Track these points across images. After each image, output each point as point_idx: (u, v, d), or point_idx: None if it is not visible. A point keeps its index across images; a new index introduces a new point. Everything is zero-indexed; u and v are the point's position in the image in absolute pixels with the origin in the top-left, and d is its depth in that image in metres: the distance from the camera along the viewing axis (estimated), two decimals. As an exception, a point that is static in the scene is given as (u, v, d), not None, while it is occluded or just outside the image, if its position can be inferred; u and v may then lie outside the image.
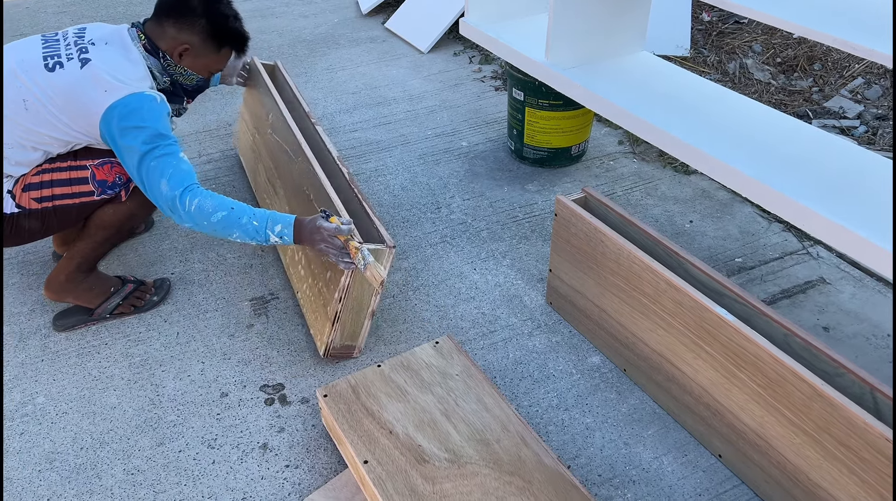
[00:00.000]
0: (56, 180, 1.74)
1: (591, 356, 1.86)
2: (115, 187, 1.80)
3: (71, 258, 1.89)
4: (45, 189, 1.74)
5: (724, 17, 3.83)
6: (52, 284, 1.92)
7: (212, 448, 1.65)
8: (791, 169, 1.64)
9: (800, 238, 2.27)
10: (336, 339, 1.81)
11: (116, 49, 1.73)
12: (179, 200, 1.62)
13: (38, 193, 1.74)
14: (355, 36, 3.91)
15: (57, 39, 1.74)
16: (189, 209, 1.62)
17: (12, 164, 1.71)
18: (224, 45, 1.85)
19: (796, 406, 1.34)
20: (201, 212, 1.62)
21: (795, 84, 3.23)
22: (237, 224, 1.63)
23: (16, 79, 1.67)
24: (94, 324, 1.98)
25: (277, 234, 1.65)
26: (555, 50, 2.08)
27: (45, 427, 1.71)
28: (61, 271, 1.90)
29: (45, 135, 1.69)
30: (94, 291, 1.95)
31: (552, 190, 2.55)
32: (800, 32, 1.55)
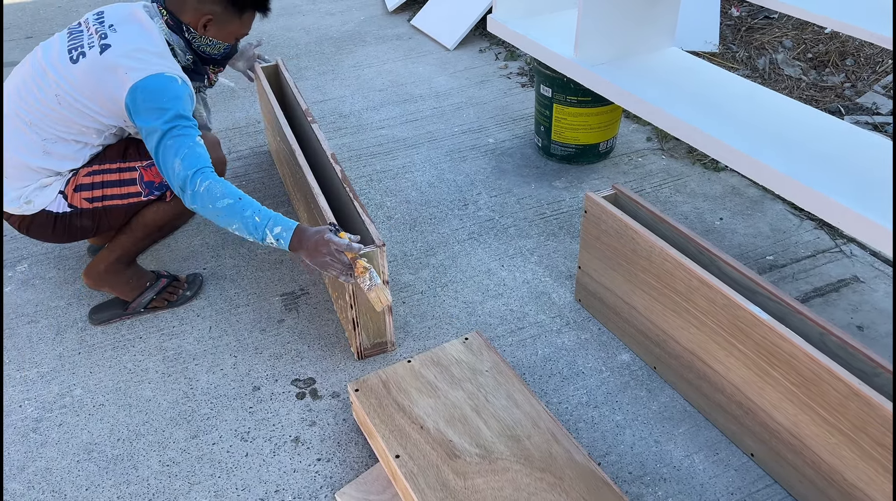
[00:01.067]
0: (107, 182, 1.79)
1: (621, 354, 1.86)
2: (161, 188, 1.84)
3: (112, 250, 1.93)
4: (97, 190, 1.79)
5: (753, 12, 3.78)
6: (91, 272, 1.96)
7: (245, 440, 1.67)
8: (823, 165, 1.63)
9: (832, 236, 2.24)
10: (364, 341, 1.83)
11: (134, 29, 1.73)
12: (191, 179, 1.60)
13: (90, 193, 1.79)
14: (381, 33, 3.93)
15: (81, 30, 1.77)
16: (198, 190, 1.60)
17: (57, 159, 1.75)
18: (246, 9, 1.84)
19: (832, 406, 1.33)
20: (210, 194, 1.59)
21: (827, 80, 3.18)
22: (240, 215, 1.59)
23: (46, 76, 1.71)
24: (129, 318, 2.02)
25: (275, 236, 1.59)
26: (583, 46, 2.08)
27: (82, 419, 1.74)
28: (101, 261, 1.94)
29: (81, 125, 1.73)
30: (130, 284, 1.99)
31: (580, 187, 2.55)
32: (833, 27, 1.53)
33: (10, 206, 1.77)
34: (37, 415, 1.75)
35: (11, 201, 1.76)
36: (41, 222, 1.80)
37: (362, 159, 2.76)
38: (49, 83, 1.71)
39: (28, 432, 1.71)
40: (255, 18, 1.89)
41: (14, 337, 1.98)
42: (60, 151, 1.74)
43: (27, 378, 1.85)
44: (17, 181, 1.75)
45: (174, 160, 1.61)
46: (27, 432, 1.71)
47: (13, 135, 1.74)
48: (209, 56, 1.91)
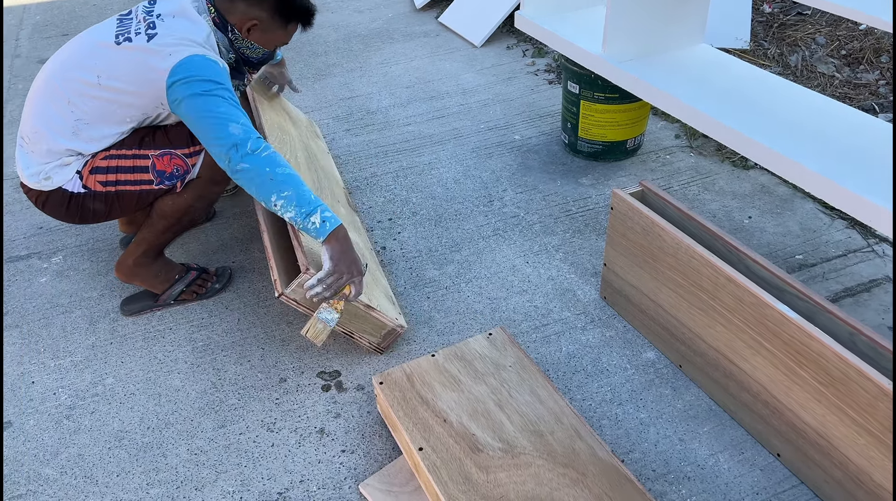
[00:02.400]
0: (121, 167, 1.82)
1: (646, 352, 1.85)
2: (172, 178, 1.86)
3: (138, 245, 1.97)
4: (111, 174, 1.82)
5: (785, 8, 3.72)
6: (121, 266, 2.00)
7: (271, 431, 1.70)
8: (857, 164, 1.60)
9: (864, 235, 2.20)
10: (371, 340, 1.85)
11: (182, 22, 1.77)
12: (256, 141, 1.62)
13: (104, 177, 1.81)
14: (409, 30, 3.94)
15: (130, 18, 1.82)
16: (260, 153, 1.61)
17: (83, 140, 1.78)
18: (291, 20, 1.89)
19: (861, 406, 1.31)
20: (274, 159, 1.62)
21: (861, 77, 3.12)
22: (297, 185, 1.62)
23: (92, 56, 1.76)
24: (159, 310, 2.06)
25: (322, 218, 1.62)
26: (612, 42, 2.07)
27: (114, 407, 1.78)
28: (130, 256, 1.98)
29: (116, 110, 1.76)
30: (160, 277, 2.02)
31: (607, 184, 2.54)
32: (869, 23, 1.50)
33: (31, 180, 1.81)
34: (70, 403, 1.80)
35: (32, 176, 1.80)
36: (56, 199, 1.83)
37: (389, 156, 2.77)
38: (93, 63, 1.75)
39: (62, 419, 1.76)
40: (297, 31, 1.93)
41: (49, 327, 2.03)
42: (88, 133, 1.78)
43: (61, 367, 1.90)
44: (41, 156, 1.79)
45: (229, 124, 1.62)
46: (61, 419, 1.76)
47: (50, 109, 1.77)
48: (247, 58, 1.95)
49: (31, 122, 1.79)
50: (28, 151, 1.81)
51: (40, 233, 2.42)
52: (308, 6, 1.90)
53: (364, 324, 1.79)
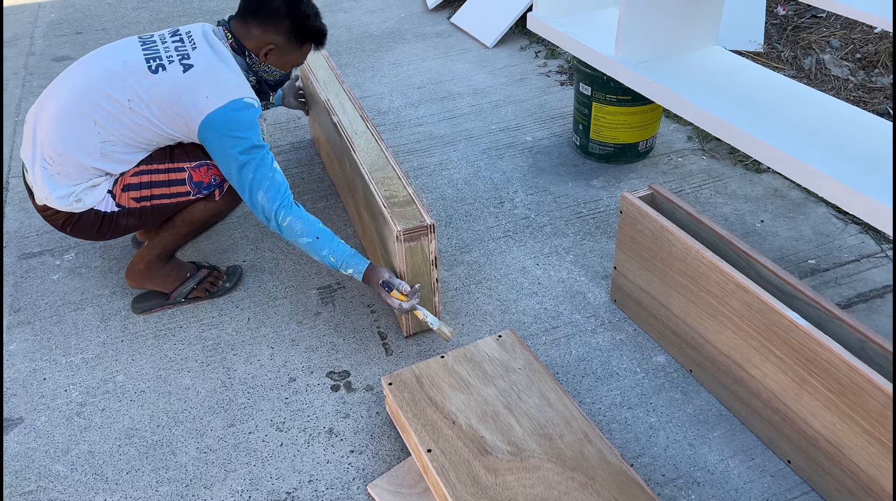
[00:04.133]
0: (155, 182, 1.84)
1: (657, 356, 1.84)
2: (210, 188, 1.89)
3: (152, 248, 1.98)
4: (144, 190, 1.83)
5: (800, 11, 3.70)
6: (132, 272, 2.02)
7: (280, 430, 1.71)
8: (871, 168, 1.59)
9: (878, 240, 2.19)
10: (411, 320, 1.90)
11: (214, 54, 1.78)
12: (276, 214, 1.76)
13: (138, 193, 1.83)
14: (421, 31, 3.94)
15: (154, 41, 1.81)
16: (281, 224, 1.77)
17: (112, 161, 1.79)
18: (305, 42, 1.90)
19: (871, 415, 1.30)
20: (291, 231, 1.77)
21: (876, 81, 3.10)
22: (318, 254, 1.80)
23: (125, 81, 1.74)
24: (170, 308, 2.07)
25: (350, 275, 1.82)
26: (625, 44, 2.06)
27: (124, 404, 1.80)
28: (141, 260, 1.99)
29: (146, 134, 1.78)
30: (171, 276, 2.04)
31: (618, 186, 2.53)
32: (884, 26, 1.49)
33: (61, 202, 1.80)
34: (81, 400, 1.81)
35: (61, 198, 1.79)
36: (88, 221, 1.84)
37: (400, 156, 2.78)
38: (126, 88, 1.74)
39: (73, 416, 1.77)
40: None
41: (61, 324, 2.05)
42: (118, 154, 1.79)
43: (72, 364, 1.91)
44: (69, 179, 1.78)
45: (258, 192, 1.76)
46: (72, 416, 1.77)
47: (76, 131, 1.75)
48: (264, 81, 1.97)
49: (56, 143, 1.76)
50: (53, 173, 1.78)
51: (53, 230, 2.43)
52: (321, 28, 1.91)
53: None
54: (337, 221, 2.42)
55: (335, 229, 2.38)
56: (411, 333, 1.93)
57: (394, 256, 1.79)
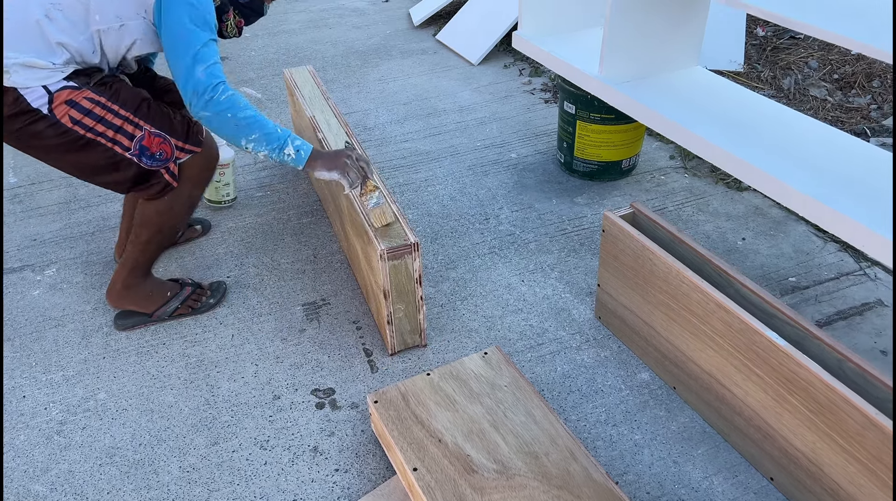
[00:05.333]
0: (106, 119, 1.72)
1: (641, 373, 1.86)
2: (151, 160, 1.79)
3: (124, 265, 1.96)
4: (90, 119, 1.70)
5: (779, 32, 3.77)
6: (111, 292, 2.00)
7: (264, 449, 1.69)
8: (848, 188, 1.62)
9: (857, 258, 2.22)
10: (396, 337, 1.90)
11: None
12: (213, 88, 1.65)
13: (81, 116, 1.70)
14: (407, 47, 3.97)
15: None
16: (220, 98, 1.65)
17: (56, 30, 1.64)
18: None
19: (849, 434, 1.32)
20: (233, 103, 1.67)
21: (853, 101, 3.16)
22: (262, 126, 1.70)
23: None
24: (153, 324, 2.05)
25: (295, 147, 1.74)
26: (608, 64, 2.09)
27: (105, 423, 1.78)
28: (118, 280, 1.98)
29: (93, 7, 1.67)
30: (151, 297, 2.02)
31: (602, 203, 2.55)
32: (858, 49, 1.52)
33: None
34: (61, 418, 1.79)
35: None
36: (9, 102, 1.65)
37: (385, 172, 2.78)
38: None
39: (52, 434, 1.75)
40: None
41: (41, 341, 2.02)
42: (59, 23, 1.64)
43: (52, 381, 1.89)
44: (12, 39, 1.63)
45: (198, 66, 1.64)
46: (51, 434, 1.75)
47: None
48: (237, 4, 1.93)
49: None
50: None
51: (34, 245, 2.41)
52: None
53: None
54: (322, 236, 2.42)
55: (321, 243, 2.38)
56: (397, 350, 1.93)
57: (378, 273, 1.79)
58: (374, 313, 2.03)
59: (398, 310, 1.85)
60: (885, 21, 1.52)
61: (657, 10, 2.04)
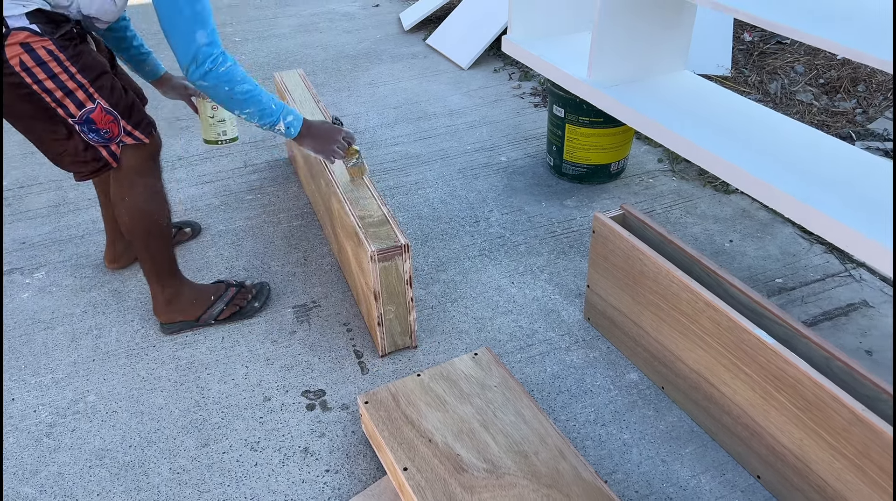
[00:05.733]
0: (58, 78, 1.59)
1: (629, 373, 1.87)
2: (94, 135, 1.70)
3: (150, 281, 1.96)
4: (41, 71, 1.57)
5: (765, 37, 3.81)
6: (157, 311, 2.00)
7: (255, 450, 1.69)
8: (834, 190, 1.64)
9: (842, 260, 2.25)
10: (387, 339, 1.91)
11: None
12: (214, 58, 1.59)
13: (32, 64, 1.56)
14: (397, 52, 3.98)
15: None
16: (219, 70, 1.61)
17: None
18: None
19: (836, 431, 1.34)
20: (231, 76, 1.63)
21: (838, 105, 3.20)
22: (258, 101, 1.69)
23: None
24: (199, 329, 2.04)
25: (287, 122, 1.76)
26: (597, 68, 2.11)
27: (95, 425, 1.77)
28: (156, 296, 1.98)
29: None
30: (196, 304, 2.02)
31: (591, 206, 2.57)
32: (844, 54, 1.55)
33: None
34: (50, 420, 1.78)
35: None
36: None
37: (375, 175, 2.79)
38: None
39: (41, 437, 1.74)
40: None
41: (30, 343, 2.01)
42: None
43: (42, 384, 1.88)
44: None
45: (198, 31, 1.56)
46: (41, 437, 1.74)
47: None
48: None
49: None
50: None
51: (23, 248, 2.40)
52: None
53: None
54: (313, 239, 2.42)
55: (311, 246, 2.38)
56: (387, 352, 1.93)
57: (368, 275, 1.80)
58: (364, 315, 2.04)
59: (389, 312, 1.86)
60: (870, 25, 1.55)
61: (645, 15, 2.07)
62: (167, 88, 2.12)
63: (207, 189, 2.72)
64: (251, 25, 4.42)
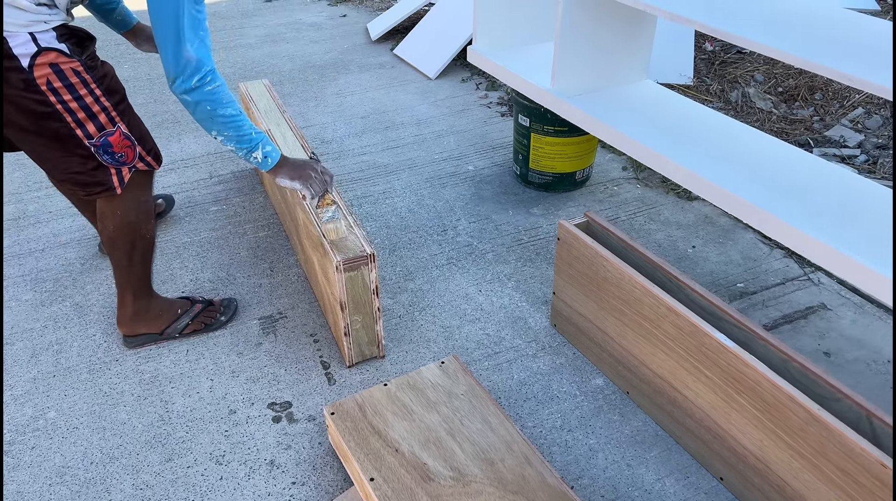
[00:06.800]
0: (83, 100, 1.60)
1: (595, 378, 1.89)
2: (109, 157, 1.69)
3: (122, 292, 1.93)
4: (67, 92, 1.57)
5: (726, 46, 3.90)
6: (122, 322, 1.97)
7: (220, 464, 1.67)
8: (792, 197, 1.68)
9: (801, 264, 2.30)
10: (354, 349, 1.90)
11: None
12: (202, 77, 1.56)
13: (59, 85, 1.56)
14: (365, 62, 3.99)
15: None
16: (204, 89, 1.58)
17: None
18: None
19: (794, 431, 1.37)
20: (217, 98, 1.60)
21: (797, 113, 3.28)
22: (238, 127, 1.66)
23: None
24: (164, 343, 2.01)
25: (264, 153, 1.74)
26: (560, 78, 2.14)
27: (55, 442, 1.74)
28: (124, 309, 1.95)
29: None
30: (162, 317, 1.99)
31: (556, 214, 2.60)
32: (798, 64, 1.59)
33: None
34: (9, 438, 1.74)
35: None
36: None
37: (343, 185, 2.79)
38: None
39: None
40: None
41: (-12, 359, 1.97)
42: None
43: None
44: None
45: (187, 40, 1.52)
46: (-1, 455, 1.70)
47: None
48: None
49: None
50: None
51: (-19, 262, 2.35)
52: None
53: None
54: (279, 250, 2.41)
55: (277, 257, 2.37)
56: (354, 362, 1.93)
57: (335, 285, 1.80)
58: (331, 325, 2.03)
59: (355, 322, 1.85)
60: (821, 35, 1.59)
61: (606, 26, 2.10)
62: (141, 40, 2.07)
63: (172, 201, 2.69)
64: (217, 36, 4.39)
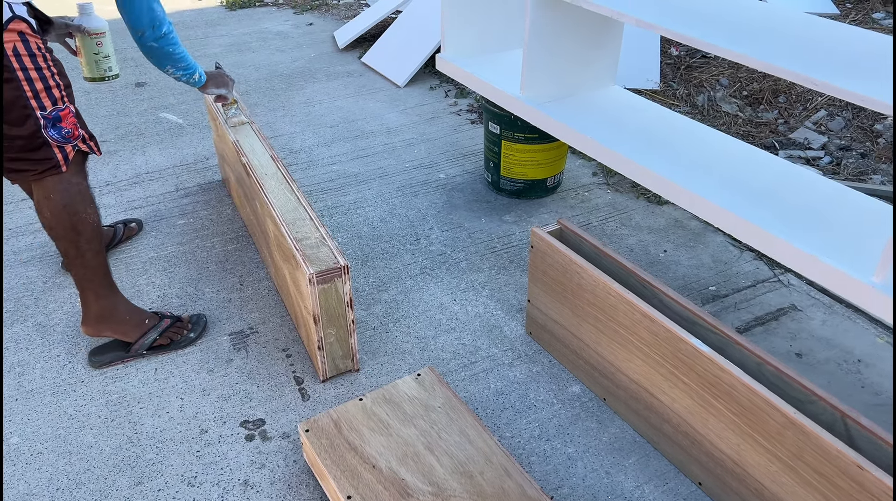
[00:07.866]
0: (43, 73, 1.66)
1: (572, 386, 1.88)
2: (56, 132, 1.71)
3: (83, 292, 1.90)
4: (30, 61, 1.63)
5: (691, 51, 3.95)
6: (87, 320, 1.93)
7: (192, 486, 1.63)
8: (759, 199, 1.70)
9: (771, 266, 2.33)
10: (328, 363, 1.87)
11: None
12: (168, 27, 1.86)
13: (24, 52, 1.61)
14: (332, 70, 3.96)
15: None
16: (170, 36, 1.87)
17: None
18: None
19: (770, 434, 1.37)
20: (174, 40, 1.90)
21: (762, 116, 3.33)
22: (186, 58, 1.97)
23: None
24: (131, 360, 1.95)
25: (199, 74, 2.07)
26: (529, 85, 2.14)
27: (19, 469, 1.67)
28: (88, 308, 1.91)
29: None
30: (129, 321, 1.95)
31: (529, 221, 2.59)
32: (761, 68, 1.61)
33: None
34: (-30, 466, 1.68)
35: None
36: None
37: (313, 195, 2.76)
38: None
39: (-40, 484, 1.64)
40: None
41: (-54, 384, 1.90)
42: None
43: (-40, 427, 1.77)
44: None
45: (156, 3, 1.82)
46: (-41, 484, 1.63)
47: None
48: None
49: None
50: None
51: (-62, 283, 2.27)
52: None
53: None
54: (249, 263, 2.36)
55: (247, 270, 2.33)
56: (328, 376, 1.90)
57: (307, 298, 1.77)
58: (304, 339, 2.00)
59: (329, 335, 1.82)
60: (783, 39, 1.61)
61: (573, 33, 2.11)
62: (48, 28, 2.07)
63: (137, 215, 2.63)
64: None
